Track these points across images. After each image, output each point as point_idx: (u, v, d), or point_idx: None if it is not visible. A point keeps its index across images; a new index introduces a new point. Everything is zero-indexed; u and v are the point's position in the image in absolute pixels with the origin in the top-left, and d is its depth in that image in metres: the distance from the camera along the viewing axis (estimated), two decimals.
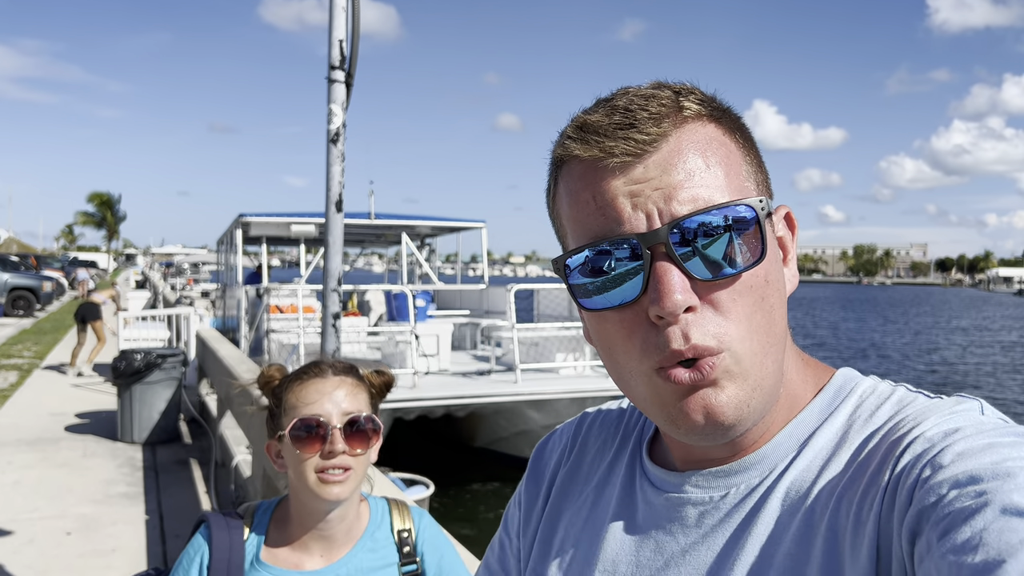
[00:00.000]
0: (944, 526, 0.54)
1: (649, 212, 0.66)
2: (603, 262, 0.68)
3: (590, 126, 0.69)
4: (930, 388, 0.80)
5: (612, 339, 0.71)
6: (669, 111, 0.68)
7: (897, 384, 0.74)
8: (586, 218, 0.69)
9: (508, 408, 10.09)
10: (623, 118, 0.68)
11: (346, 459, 1.49)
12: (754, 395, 0.68)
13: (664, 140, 0.67)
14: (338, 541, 1.58)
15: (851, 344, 34.04)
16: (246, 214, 14.09)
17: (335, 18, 3.28)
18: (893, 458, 0.63)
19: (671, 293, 0.64)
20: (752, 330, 0.67)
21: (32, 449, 8.15)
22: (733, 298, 0.67)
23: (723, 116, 0.72)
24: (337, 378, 1.57)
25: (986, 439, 0.60)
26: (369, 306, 15.46)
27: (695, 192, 0.66)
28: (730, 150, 0.70)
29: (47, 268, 37.83)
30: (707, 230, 0.65)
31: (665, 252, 0.65)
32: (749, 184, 0.71)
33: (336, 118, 3.26)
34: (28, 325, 21.96)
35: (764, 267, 0.68)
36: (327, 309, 3.26)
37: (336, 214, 3.25)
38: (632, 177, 0.67)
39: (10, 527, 5.75)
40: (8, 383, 12.18)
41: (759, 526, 0.69)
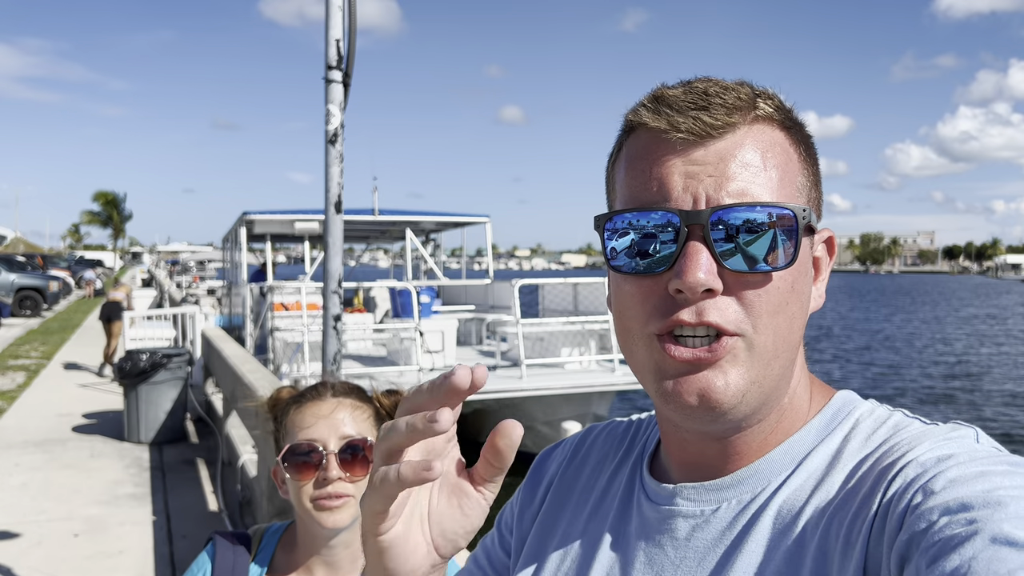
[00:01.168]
0: (933, 553, 0.54)
1: (697, 194, 0.68)
2: (641, 229, 0.70)
3: (665, 99, 0.71)
4: (940, 382, 0.78)
5: (627, 302, 0.72)
6: (744, 106, 0.70)
7: (895, 409, 0.75)
8: (638, 185, 0.71)
9: (514, 403, 10.09)
10: (698, 99, 0.69)
11: (343, 486, 1.43)
12: (752, 388, 0.69)
13: (731, 131, 0.69)
14: (343, 568, 1.53)
15: (859, 336, 33.91)
16: (250, 212, 14.09)
17: (331, 17, 3.25)
18: (885, 482, 0.63)
19: (696, 270, 0.66)
20: (771, 328, 0.69)
21: (39, 450, 8.18)
22: (758, 295, 0.68)
23: (794, 127, 0.74)
24: (335, 400, 1.50)
25: (979, 467, 0.60)
26: (375, 303, 15.46)
27: (745, 187, 0.68)
28: (790, 158, 0.72)
29: (54, 268, 37.97)
30: (747, 225, 0.67)
31: (701, 234, 0.67)
32: (801, 196, 0.72)
33: (334, 118, 3.23)
34: (35, 325, 22.05)
35: (792, 274, 0.70)
36: (328, 311, 3.24)
37: (336, 215, 3.23)
38: (691, 158, 0.69)
39: (18, 529, 5.77)
40: (16, 384, 12.23)
41: (750, 544, 0.69)
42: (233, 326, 15.00)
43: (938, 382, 20.36)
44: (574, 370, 10.28)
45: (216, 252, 37.80)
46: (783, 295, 0.69)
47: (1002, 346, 29.89)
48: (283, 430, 1.52)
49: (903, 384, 20.04)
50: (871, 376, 21.69)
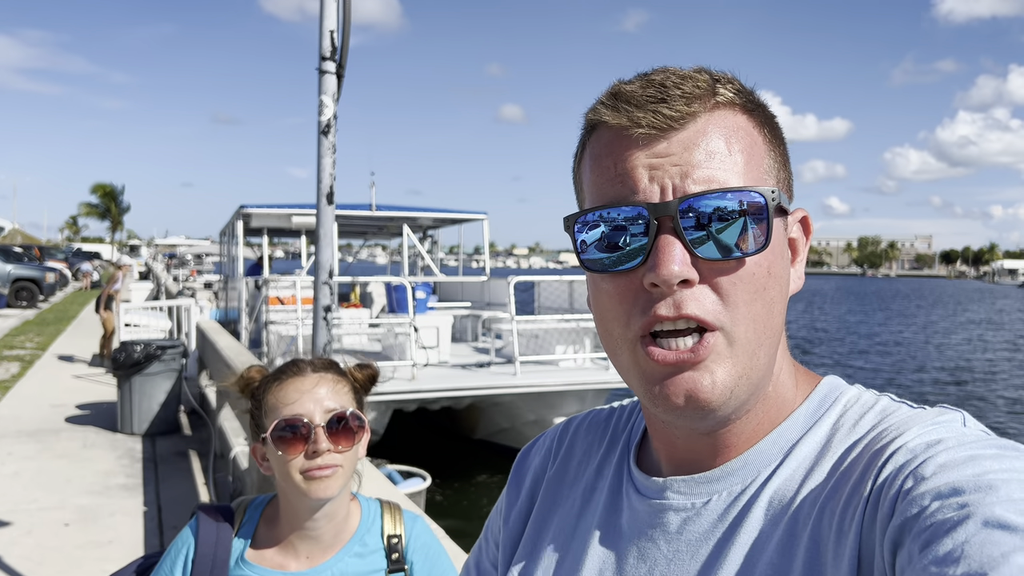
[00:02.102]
0: (926, 537, 0.54)
1: (664, 186, 0.67)
2: (611, 226, 0.69)
3: (623, 95, 0.70)
4: (943, 388, 0.79)
5: (606, 304, 0.72)
6: (703, 93, 0.69)
7: (881, 394, 0.74)
8: (604, 183, 0.71)
9: (508, 400, 10.09)
10: (656, 92, 0.69)
11: (332, 456, 1.47)
12: (740, 383, 0.68)
13: (692, 120, 0.68)
14: (325, 543, 1.55)
15: (860, 340, 33.88)
16: (247, 205, 14.09)
17: (326, 8, 3.25)
18: (875, 468, 0.63)
19: (670, 262, 0.65)
20: (750, 317, 0.68)
21: (32, 440, 8.17)
22: (733, 282, 0.67)
23: (756, 109, 0.73)
24: (317, 375, 1.53)
25: (968, 451, 0.60)
26: (371, 298, 15.46)
27: (712, 174, 0.67)
28: (755, 141, 0.71)
29: (51, 259, 37.89)
30: (716, 212, 0.66)
31: (671, 225, 0.66)
32: (769, 178, 0.71)
33: (327, 109, 3.24)
34: (31, 316, 22.01)
35: (767, 258, 0.69)
36: (318, 302, 3.25)
37: (327, 206, 3.23)
38: (654, 151, 0.68)
39: (9, 518, 5.77)
40: (10, 374, 12.21)
41: (742, 535, 0.69)
42: (229, 319, 15.00)
43: (941, 388, 20.19)
44: (569, 368, 10.29)
45: (213, 246, 37.78)
46: (760, 280, 0.68)
47: (1000, 351, 29.91)
48: (264, 408, 1.53)
49: (907, 391, 19.83)
50: (879, 384, 21.69)
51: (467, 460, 11.09)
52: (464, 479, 10.39)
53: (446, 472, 10.02)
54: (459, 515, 8.86)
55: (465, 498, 9.81)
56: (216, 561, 1.52)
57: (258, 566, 1.53)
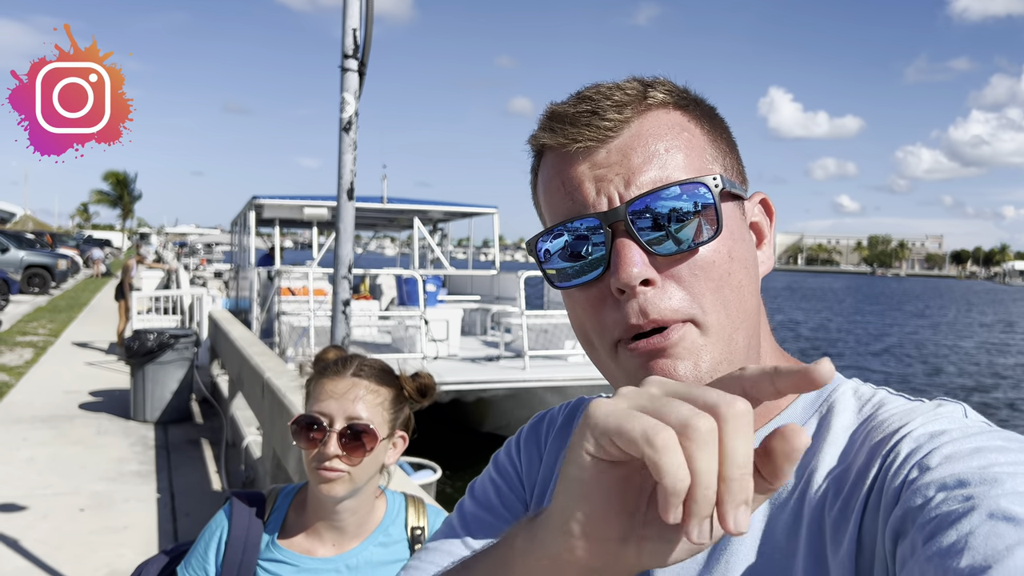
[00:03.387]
0: (930, 529, 0.55)
1: (611, 195, 0.70)
2: (570, 242, 0.71)
3: (558, 115, 0.73)
4: (977, 392, 0.79)
5: (582, 317, 0.74)
6: (632, 100, 0.72)
7: (878, 387, 0.76)
8: (557, 202, 0.73)
9: (516, 394, 10.13)
10: (588, 107, 0.71)
11: (339, 463, 1.50)
12: (721, 367, 0.69)
13: (626, 126, 0.71)
14: (349, 532, 1.61)
15: (876, 342, 33.52)
16: (260, 196, 14.14)
17: (349, 6, 3.29)
18: (879, 457, 0.64)
19: (629, 265, 0.67)
20: (720, 303, 0.70)
21: (47, 426, 8.26)
22: (695, 273, 0.69)
23: (690, 105, 0.75)
24: (353, 379, 1.55)
25: (973, 443, 0.60)
26: (381, 290, 15.51)
27: (654, 174, 0.69)
28: (693, 135, 0.73)
29: (62, 246, 38.09)
30: (663, 208, 0.68)
31: (624, 229, 0.69)
32: (714, 167, 0.73)
33: (349, 107, 3.28)
34: (43, 303, 22.16)
35: (725, 243, 0.71)
36: (337, 295, 3.29)
37: (348, 202, 3.28)
38: (596, 162, 0.71)
39: (25, 502, 5.85)
40: (23, 360, 12.32)
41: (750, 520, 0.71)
42: (240, 309, 15.07)
43: (968, 394, 19.61)
44: (577, 363, 10.31)
45: (224, 235, 37.89)
46: (722, 266, 0.70)
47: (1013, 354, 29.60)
48: (309, 393, 1.60)
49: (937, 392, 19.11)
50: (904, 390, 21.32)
51: (476, 453, 11.14)
52: (472, 471, 10.42)
53: (455, 464, 10.07)
54: None
55: None
56: (248, 544, 1.59)
57: (287, 550, 1.59)
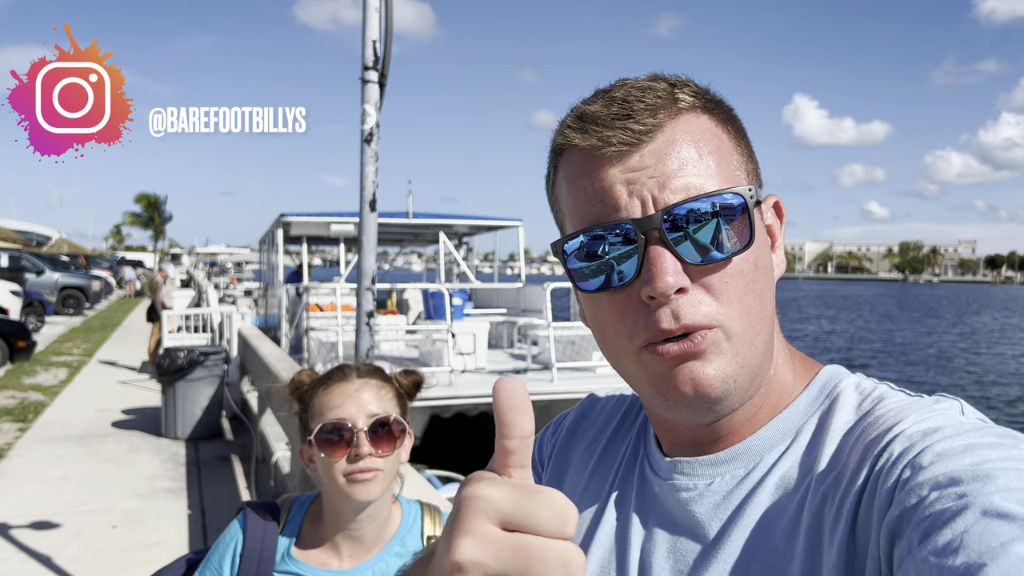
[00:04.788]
0: (925, 528, 0.54)
1: (644, 199, 0.69)
2: (599, 246, 0.71)
3: (589, 116, 0.72)
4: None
5: (605, 320, 0.74)
6: (665, 102, 0.71)
7: (880, 382, 0.75)
8: (584, 204, 0.72)
9: (544, 407, 10.08)
10: (621, 108, 0.70)
11: (373, 460, 1.50)
12: (742, 372, 0.70)
13: (659, 130, 0.70)
14: (367, 543, 1.59)
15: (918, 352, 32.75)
16: (287, 214, 14.27)
17: (368, 19, 3.31)
18: (872, 456, 0.64)
19: (664, 274, 0.67)
20: (744, 311, 0.70)
21: (80, 444, 8.36)
22: (724, 281, 0.70)
23: (716, 108, 0.75)
24: (361, 380, 1.57)
25: (966, 440, 0.60)
26: (407, 305, 15.56)
27: (688, 180, 0.69)
28: (722, 140, 0.73)
29: (96, 268, 38.76)
30: (698, 216, 0.68)
31: (658, 237, 0.68)
32: (740, 173, 0.73)
33: (370, 118, 3.29)
34: (78, 323, 22.53)
35: (753, 252, 0.71)
36: (361, 307, 3.29)
37: (370, 213, 3.28)
38: (628, 165, 0.70)
39: (59, 520, 5.91)
40: (58, 380, 12.51)
41: (746, 519, 0.70)
42: (269, 326, 15.19)
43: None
44: (605, 374, 10.25)
45: (253, 254, 38.30)
46: (749, 275, 0.70)
47: None
48: (311, 411, 1.57)
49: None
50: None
51: None
52: None
53: None
54: None
55: None
56: (263, 556, 1.56)
57: (303, 562, 1.57)
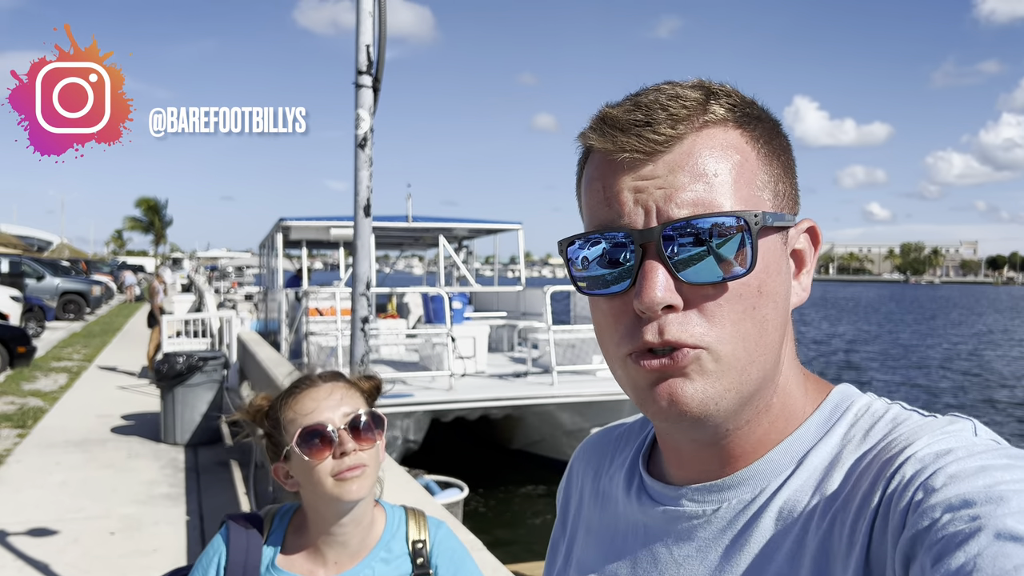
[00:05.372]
0: (938, 551, 0.54)
1: (648, 209, 0.68)
2: (601, 251, 0.70)
3: (609, 119, 0.70)
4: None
5: (602, 323, 0.73)
6: (691, 113, 0.69)
7: (893, 402, 0.74)
8: (596, 207, 0.72)
9: (545, 410, 10.06)
10: (642, 115, 0.69)
11: (359, 456, 1.50)
12: (726, 396, 0.68)
13: (678, 142, 0.68)
14: (352, 549, 1.58)
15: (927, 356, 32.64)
16: (287, 218, 14.28)
17: (362, 23, 3.29)
18: (884, 479, 0.63)
19: (652, 290, 0.66)
20: (738, 336, 0.68)
21: (79, 450, 8.35)
22: (719, 304, 0.68)
23: (751, 123, 0.72)
24: (329, 384, 1.58)
25: (978, 461, 0.59)
26: (407, 308, 15.56)
27: (697, 196, 0.67)
28: (747, 158, 0.70)
29: (97, 273, 38.78)
30: (699, 235, 0.66)
31: (655, 250, 0.67)
32: (763, 195, 0.70)
33: (364, 123, 3.28)
34: (78, 328, 22.53)
35: (757, 277, 0.69)
36: (355, 313, 3.27)
37: (364, 218, 3.27)
38: (640, 174, 0.68)
39: (56, 526, 5.90)
40: (58, 385, 12.51)
41: (752, 543, 0.69)
42: (269, 331, 15.19)
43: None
44: (606, 377, 10.22)
45: (254, 258, 38.35)
46: (748, 300, 0.68)
47: None
48: (283, 424, 1.56)
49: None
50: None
51: (504, 470, 11.08)
52: (501, 489, 10.38)
53: (483, 482, 10.02)
54: (496, 525, 8.85)
55: (502, 508, 9.79)
56: (247, 568, 1.55)
57: (288, 572, 1.56)
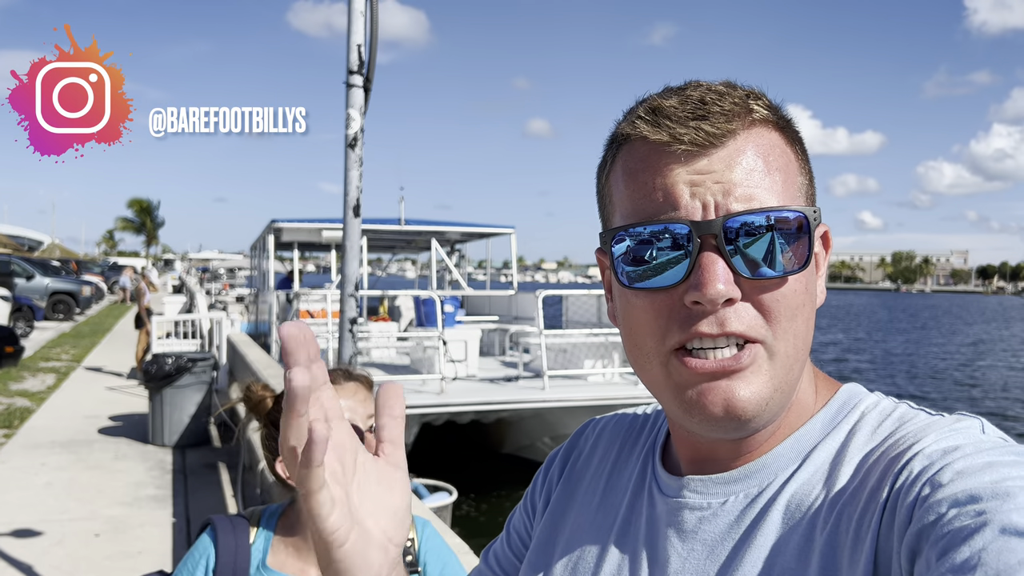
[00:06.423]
0: (943, 545, 0.54)
1: (706, 203, 0.67)
2: (652, 242, 0.69)
3: (663, 110, 0.70)
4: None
5: (639, 319, 0.72)
6: (740, 111, 0.70)
7: (900, 400, 0.74)
8: (642, 198, 0.70)
9: (536, 415, 10.04)
10: (697, 108, 0.69)
11: None
12: (775, 395, 0.69)
13: (732, 138, 0.69)
14: None
15: None
16: (278, 220, 14.24)
17: (354, 23, 3.28)
18: (892, 475, 0.63)
19: (715, 281, 0.65)
20: (792, 333, 0.69)
21: (65, 451, 8.29)
22: (776, 299, 0.68)
23: (786, 126, 0.74)
24: (352, 384, 1.58)
25: (985, 458, 0.59)
26: (399, 311, 15.53)
27: (752, 192, 0.68)
28: (790, 160, 0.72)
29: (87, 273, 38.60)
30: (759, 230, 0.67)
31: (714, 243, 0.67)
32: (801, 195, 0.72)
33: (354, 123, 3.25)
34: (67, 329, 22.40)
35: (807, 275, 0.70)
36: (344, 314, 3.25)
37: (354, 219, 3.24)
38: (695, 167, 0.68)
39: (40, 527, 5.85)
40: (45, 385, 12.42)
41: (759, 538, 0.69)
42: (259, 332, 15.14)
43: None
44: (597, 382, 10.23)
45: (246, 260, 38.24)
46: (799, 298, 0.69)
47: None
48: None
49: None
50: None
51: (494, 474, 11.05)
52: (491, 493, 10.35)
53: (473, 487, 9.99)
54: (486, 529, 8.81)
55: (493, 512, 9.76)
56: (237, 569, 1.54)
57: (279, 572, 1.55)
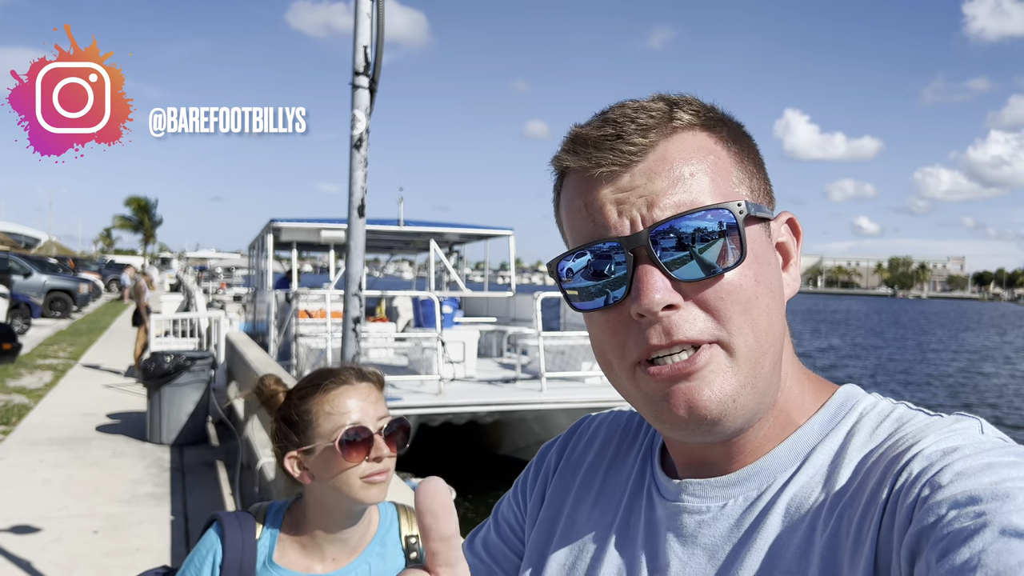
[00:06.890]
0: (943, 546, 0.54)
1: (633, 218, 0.69)
2: (591, 265, 0.71)
3: (581, 138, 0.72)
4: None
5: (601, 339, 0.73)
6: (658, 122, 0.71)
7: (898, 402, 0.74)
8: (579, 225, 0.73)
9: (533, 416, 10.06)
10: (612, 130, 0.71)
11: (388, 461, 1.54)
12: (743, 391, 0.69)
13: (651, 150, 0.70)
14: (351, 545, 1.60)
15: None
16: (277, 219, 14.24)
17: (360, 24, 3.30)
18: (891, 476, 0.63)
19: (651, 291, 0.67)
20: (748, 327, 0.69)
21: (63, 448, 8.28)
22: (721, 297, 0.68)
23: (717, 125, 0.74)
24: (365, 384, 1.60)
25: (985, 458, 0.60)
26: (397, 312, 15.54)
27: (678, 198, 0.69)
28: (719, 157, 0.72)
29: (85, 271, 38.53)
30: (686, 233, 0.68)
31: (647, 255, 0.68)
32: (741, 190, 0.72)
33: (359, 124, 3.28)
34: (64, 326, 22.36)
35: (751, 268, 0.70)
36: (347, 314, 3.27)
37: (358, 219, 3.26)
38: (619, 185, 0.70)
39: (39, 524, 5.85)
40: (43, 383, 12.40)
41: (759, 541, 0.69)
42: (258, 332, 15.13)
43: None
44: (594, 384, 10.24)
45: (243, 259, 38.22)
46: (748, 291, 0.69)
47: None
48: (312, 417, 1.56)
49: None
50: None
51: (492, 475, 11.06)
52: (488, 494, 10.36)
53: (471, 487, 10.00)
54: None
55: (488, 513, 9.75)
56: (243, 565, 1.54)
57: (286, 569, 1.56)
